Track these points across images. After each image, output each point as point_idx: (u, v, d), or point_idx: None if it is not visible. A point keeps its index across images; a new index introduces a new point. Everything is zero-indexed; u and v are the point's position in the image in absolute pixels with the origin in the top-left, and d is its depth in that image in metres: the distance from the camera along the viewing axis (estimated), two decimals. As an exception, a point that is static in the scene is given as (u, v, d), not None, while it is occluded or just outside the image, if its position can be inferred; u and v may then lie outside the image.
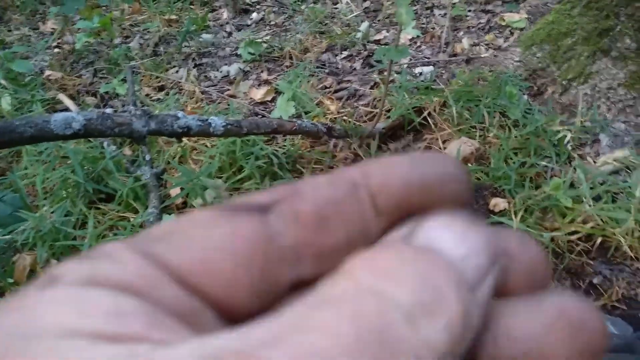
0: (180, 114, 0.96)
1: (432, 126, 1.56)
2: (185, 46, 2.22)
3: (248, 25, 2.48)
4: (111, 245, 0.15)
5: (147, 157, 1.40)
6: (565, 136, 1.42)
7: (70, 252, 1.23)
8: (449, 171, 0.18)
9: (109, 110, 0.86)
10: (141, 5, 2.62)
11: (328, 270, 0.16)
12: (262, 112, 1.79)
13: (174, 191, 1.38)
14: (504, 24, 2.13)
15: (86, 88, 2.01)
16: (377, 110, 1.56)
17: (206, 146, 1.53)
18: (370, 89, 1.81)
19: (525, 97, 1.62)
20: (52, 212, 1.33)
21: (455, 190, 0.18)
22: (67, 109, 1.80)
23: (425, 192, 0.17)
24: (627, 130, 1.45)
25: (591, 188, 1.24)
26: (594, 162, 1.37)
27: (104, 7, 2.38)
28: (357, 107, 1.72)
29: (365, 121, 1.65)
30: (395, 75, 1.77)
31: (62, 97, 1.86)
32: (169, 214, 1.33)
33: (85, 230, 1.26)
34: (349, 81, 1.91)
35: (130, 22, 2.51)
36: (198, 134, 1.01)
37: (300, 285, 0.17)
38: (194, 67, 2.12)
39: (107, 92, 1.92)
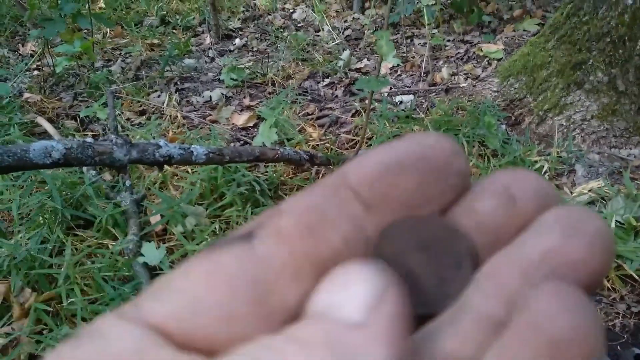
0: (162, 142, 0.96)
1: (413, 154, 1.58)
2: (167, 71, 2.22)
3: (231, 51, 2.50)
4: (102, 320, 0.15)
5: (127, 183, 1.39)
6: (543, 166, 1.45)
7: (45, 280, 1.20)
8: (431, 145, 0.17)
9: (89, 139, 0.85)
10: (123, 29, 2.62)
11: None
12: (244, 138, 1.79)
13: (154, 218, 1.37)
14: (481, 54, 2.19)
15: (66, 111, 1.99)
16: (359, 137, 1.58)
17: (187, 172, 1.53)
18: (351, 116, 1.83)
19: (504, 126, 1.66)
20: (28, 239, 1.30)
21: (445, 165, 0.17)
22: (45, 132, 1.78)
23: (408, 173, 0.16)
24: (601, 161, 1.49)
25: (568, 218, 1.27)
26: (571, 192, 1.40)
27: (85, 30, 2.37)
28: (339, 134, 1.74)
29: (347, 148, 1.66)
30: (376, 104, 1.79)
31: (40, 120, 1.84)
32: (149, 241, 1.31)
33: (63, 258, 1.23)
34: (330, 108, 1.93)
35: (112, 45, 2.50)
36: (180, 162, 1.01)
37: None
38: (175, 92, 2.12)
39: (87, 116, 1.90)
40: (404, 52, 2.32)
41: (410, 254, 0.17)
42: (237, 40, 2.57)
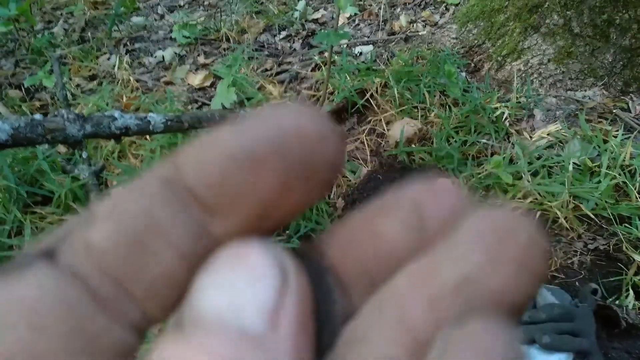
0: (117, 113, 0.92)
1: (375, 108, 1.57)
2: (115, 31, 2.11)
3: (181, 7, 2.38)
4: None
5: (84, 155, 1.33)
6: (503, 113, 1.47)
7: (6, 262, 1.16)
8: (292, 126, 0.13)
9: (38, 116, 0.81)
10: (62, -13, 2.45)
11: (172, 307, 0.13)
12: (202, 99, 1.74)
13: (116, 189, 1.33)
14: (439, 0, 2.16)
15: (8, 80, 1.87)
16: (321, 93, 1.56)
17: (146, 139, 1.48)
18: (311, 71, 1.80)
19: (464, 74, 1.66)
20: (-18, 221, 1.25)
21: (313, 154, 0.13)
22: (-12, 105, 1.67)
23: (263, 168, 0.12)
24: (558, 104, 1.52)
25: (529, 163, 1.30)
26: (530, 137, 1.43)
27: (20, -9, 2.20)
28: (300, 90, 1.70)
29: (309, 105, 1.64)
30: (336, 57, 1.76)
31: (-18, 91, 1.73)
32: (112, 214, 1.27)
33: (23, 238, 1.19)
34: (289, 63, 1.88)
35: (51, 5, 2.34)
36: (137, 133, 0.97)
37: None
38: (126, 53, 2.01)
39: (32, 85, 1.80)
40: (360, 1, 2.26)
41: None
42: (186, -6, 2.45)
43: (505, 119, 1.48)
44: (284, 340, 0.12)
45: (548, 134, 1.41)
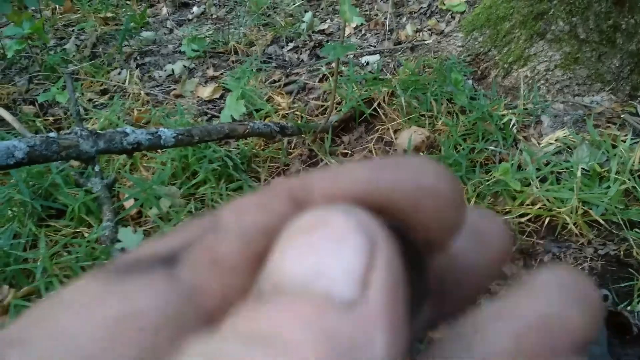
0: (128, 129, 0.94)
1: (383, 117, 1.59)
2: (125, 45, 2.14)
3: (189, 20, 2.42)
4: None
5: (97, 169, 1.36)
6: (510, 119, 1.47)
7: (22, 275, 1.18)
8: (425, 180, 0.13)
9: (53, 134, 0.83)
10: (73, 4, 2.50)
11: None
12: (211, 111, 1.76)
13: (128, 202, 1.35)
14: (444, 8, 2.17)
15: (22, 96, 1.91)
16: (328, 103, 1.57)
17: (157, 152, 1.50)
18: (319, 81, 1.82)
19: (470, 82, 1.67)
20: (-1, 235, 1.27)
21: (435, 206, 0.13)
22: (3, 120, 1.71)
23: (391, 207, 0.13)
24: (566, 110, 1.53)
25: (537, 169, 1.30)
26: (538, 143, 1.43)
27: (32, 10, 2.25)
28: (308, 101, 1.72)
29: (317, 115, 1.65)
30: (343, 67, 1.77)
31: (-3, 108, 1.76)
32: (125, 226, 1.29)
33: (38, 251, 1.21)
34: (297, 74, 1.90)
35: (63, 22, 2.39)
36: (149, 148, 0.99)
37: None
38: (136, 68, 2.05)
39: (46, 100, 1.84)
40: (366, 10, 2.28)
41: None
42: (194, 9, 2.48)
43: (513, 125, 1.48)
44: (375, 307, 0.11)
45: (556, 140, 1.41)
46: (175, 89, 1.91)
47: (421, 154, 1.44)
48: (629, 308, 1.07)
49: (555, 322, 0.13)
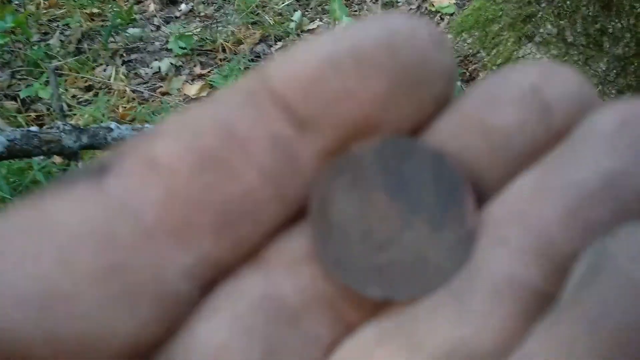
0: (113, 125, 0.92)
1: (371, 117, 1.58)
2: (111, 42, 2.11)
3: (177, 18, 2.39)
4: None
5: (80, 165, 1.33)
6: (498, 121, 1.48)
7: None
8: (401, 31, 0.11)
9: (34, 128, 0.81)
10: (58, -1, 2.46)
11: (244, 246, 0.10)
12: (199, 109, 1.75)
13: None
14: (434, 9, 2.17)
15: (4, 91, 1.87)
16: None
17: (142, 150, 1.48)
18: (307, 81, 1.81)
19: (459, 83, 1.67)
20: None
21: (424, 62, 0.11)
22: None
23: (366, 74, 0.10)
24: (553, 112, 1.54)
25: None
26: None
27: (16, 4, 2.21)
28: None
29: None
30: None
31: (-23, 103, 1.73)
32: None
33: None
34: (285, 73, 1.89)
35: (47, 17, 2.35)
36: (134, 144, 0.97)
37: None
38: (122, 64, 2.02)
39: (28, 96, 1.80)
40: (355, 11, 2.27)
41: (377, 195, 0.11)
42: (182, 6, 2.46)
43: (501, 127, 1.48)
44: None
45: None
46: (161, 86, 1.88)
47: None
48: None
49: (621, 183, 0.10)
